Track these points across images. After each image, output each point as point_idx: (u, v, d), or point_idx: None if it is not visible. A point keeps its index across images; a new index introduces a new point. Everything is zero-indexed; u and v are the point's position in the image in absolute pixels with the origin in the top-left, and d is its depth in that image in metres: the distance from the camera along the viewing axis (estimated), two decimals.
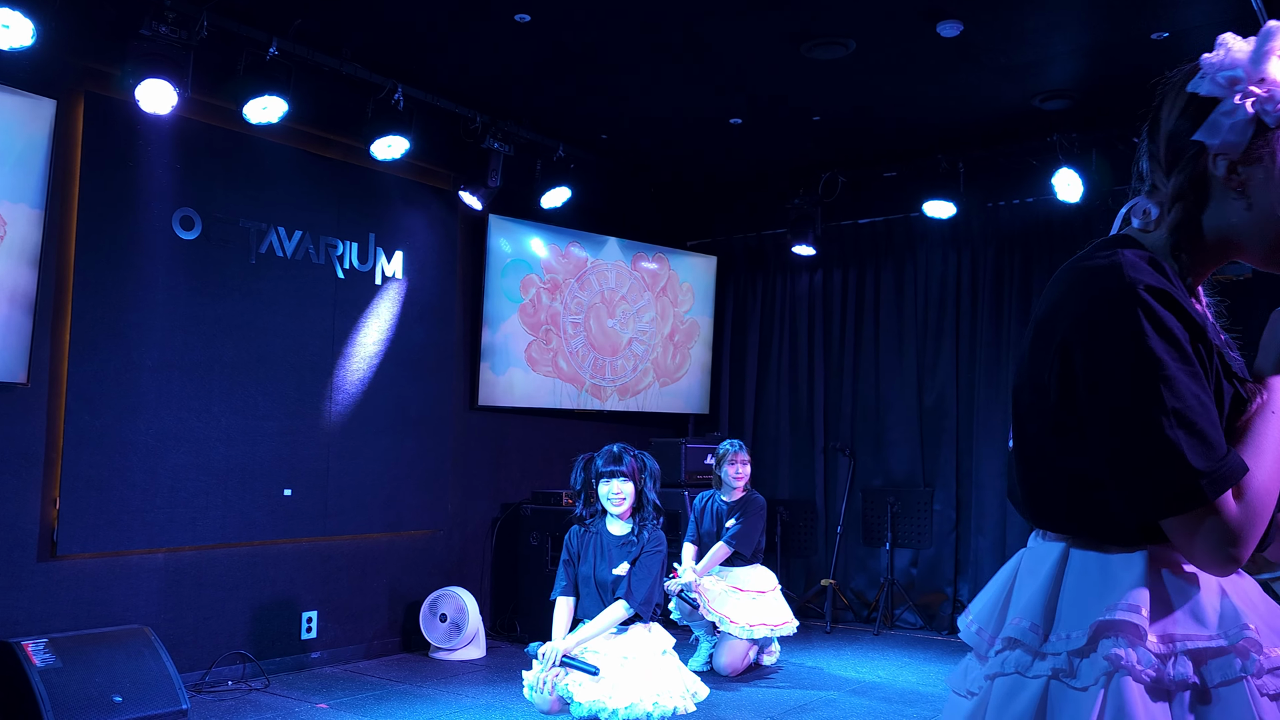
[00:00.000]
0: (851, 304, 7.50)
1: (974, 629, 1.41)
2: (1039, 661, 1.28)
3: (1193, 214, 1.31)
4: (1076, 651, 1.25)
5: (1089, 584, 1.28)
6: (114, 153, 4.79)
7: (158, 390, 4.92)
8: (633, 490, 4.10)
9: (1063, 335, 1.26)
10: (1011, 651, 1.31)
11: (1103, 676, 1.22)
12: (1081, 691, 1.23)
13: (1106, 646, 1.23)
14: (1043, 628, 1.29)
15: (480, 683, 5.30)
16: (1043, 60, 5.32)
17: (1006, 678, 1.31)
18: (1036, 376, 1.31)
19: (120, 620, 4.72)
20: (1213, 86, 1.30)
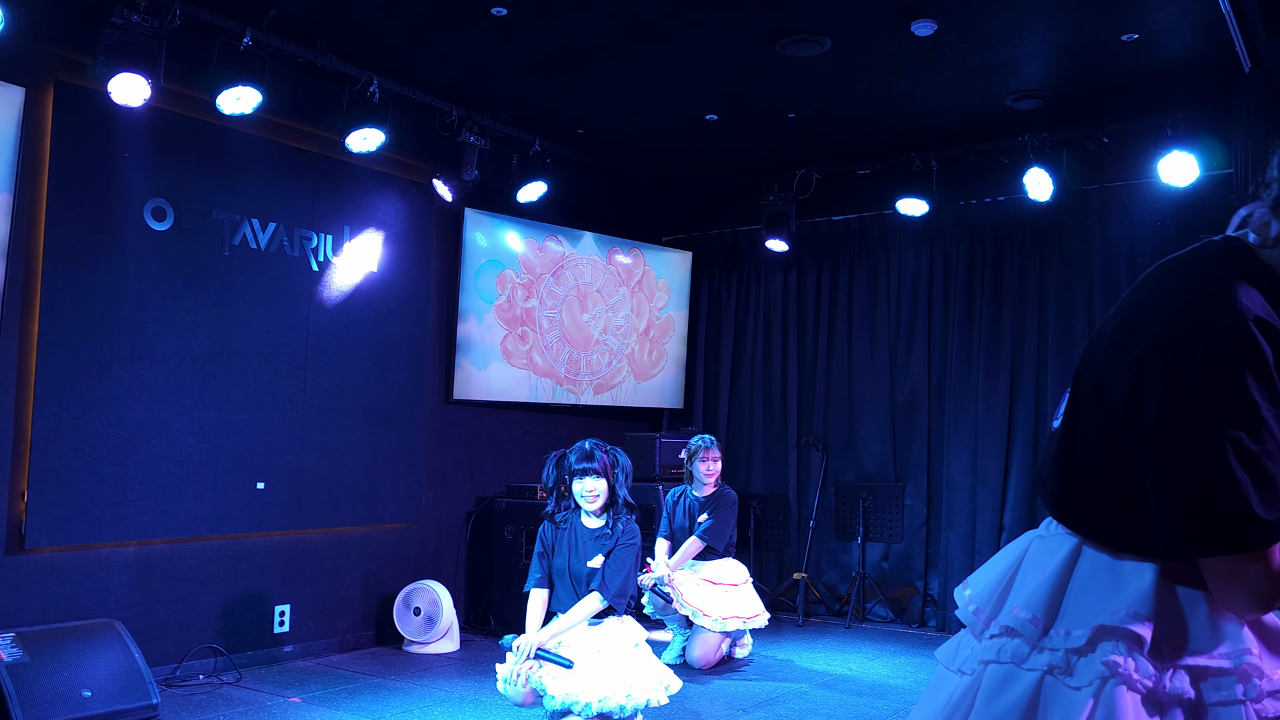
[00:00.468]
0: (825, 300, 7.55)
1: (971, 608, 1.40)
2: (1036, 655, 1.28)
3: None
4: (1075, 650, 1.25)
5: (1097, 585, 1.27)
6: (84, 142, 4.74)
7: (129, 382, 4.88)
8: (606, 487, 4.12)
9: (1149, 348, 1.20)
10: (1009, 640, 1.30)
11: (1097, 680, 1.22)
12: (1075, 691, 1.23)
13: (1106, 650, 1.22)
14: (1044, 621, 1.28)
15: (454, 676, 5.31)
16: (1015, 60, 5.38)
17: (1001, 666, 1.31)
18: (1106, 375, 1.27)
19: (89, 614, 4.68)
20: None
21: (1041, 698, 1.25)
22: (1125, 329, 1.26)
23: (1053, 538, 1.37)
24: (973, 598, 1.41)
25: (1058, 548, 1.34)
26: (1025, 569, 1.37)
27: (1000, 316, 6.80)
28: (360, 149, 5.51)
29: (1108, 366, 1.27)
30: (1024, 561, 1.38)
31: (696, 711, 4.66)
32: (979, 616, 1.39)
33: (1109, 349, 1.28)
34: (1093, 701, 1.21)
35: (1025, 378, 6.66)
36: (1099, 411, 1.28)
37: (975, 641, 1.40)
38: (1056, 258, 6.62)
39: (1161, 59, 5.28)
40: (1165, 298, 1.23)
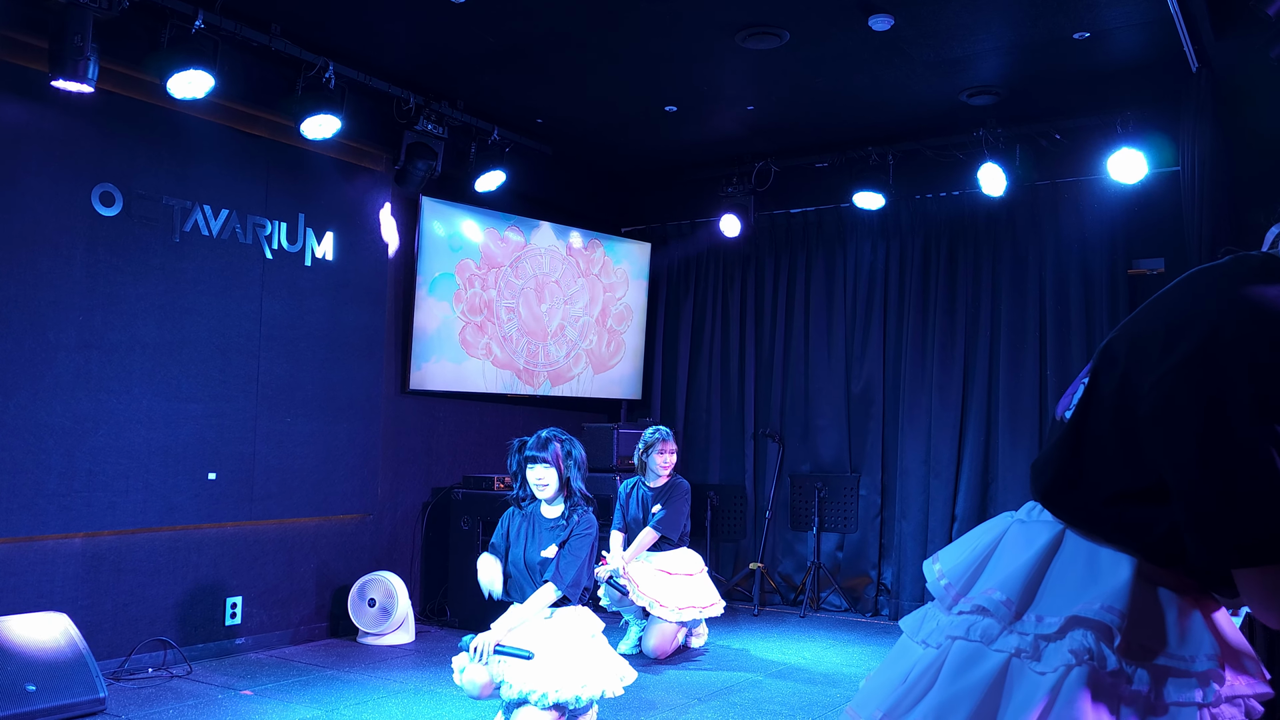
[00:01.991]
0: (782, 292, 7.60)
1: (942, 582, 1.42)
2: (1006, 636, 1.29)
3: None
4: (1045, 636, 1.27)
5: (1074, 575, 1.29)
6: (29, 124, 4.63)
7: (75, 371, 4.78)
8: (555, 476, 4.12)
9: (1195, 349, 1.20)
10: (980, 619, 1.32)
11: (1062, 666, 1.24)
12: (1039, 675, 1.25)
13: (1075, 639, 1.24)
14: (1017, 605, 1.30)
15: (409, 667, 5.28)
16: (970, 56, 5.44)
17: (970, 644, 1.32)
18: (1134, 379, 1.26)
19: (34, 606, 4.59)
20: None
21: (1007, 679, 1.27)
22: (1159, 336, 1.25)
23: (1034, 524, 1.38)
24: (944, 572, 1.43)
25: (1038, 534, 1.36)
26: (1002, 551, 1.39)
27: (954, 309, 6.89)
28: (316, 135, 5.44)
29: (1136, 371, 1.26)
30: (1001, 543, 1.40)
31: (652, 701, 4.69)
32: (949, 591, 1.40)
33: (1138, 353, 1.27)
34: (1053, 686, 1.23)
35: (978, 370, 6.76)
36: (1120, 413, 1.28)
37: (943, 615, 1.42)
38: (1009, 251, 6.72)
39: (1112, 58, 5.38)
40: (1205, 309, 1.22)
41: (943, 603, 1.42)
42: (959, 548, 1.47)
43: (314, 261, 5.86)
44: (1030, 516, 1.41)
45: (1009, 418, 6.57)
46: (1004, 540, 1.40)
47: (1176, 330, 1.23)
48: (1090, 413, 1.32)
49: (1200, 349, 1.19)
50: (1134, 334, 1.31)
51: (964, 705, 1.28)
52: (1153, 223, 6.21)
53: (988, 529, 1.46)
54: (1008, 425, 6.57)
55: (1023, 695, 1.25)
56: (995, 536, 1.42)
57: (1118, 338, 1.35)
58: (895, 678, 1.42)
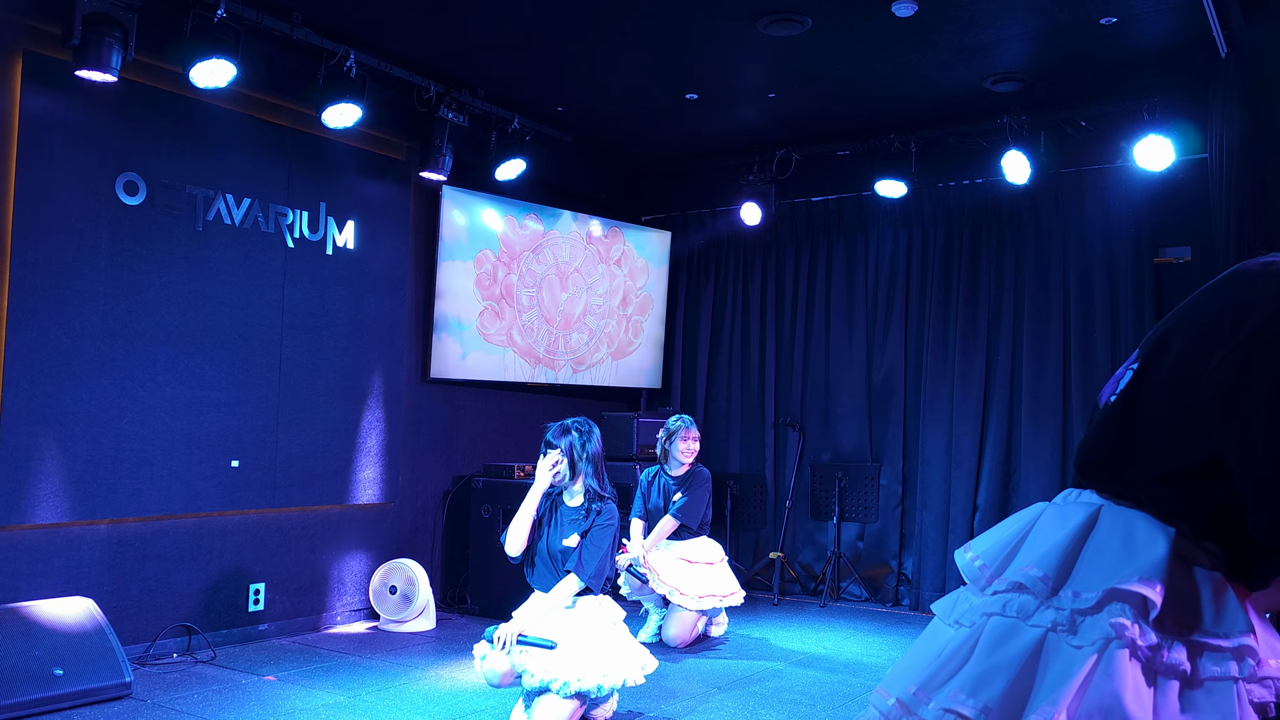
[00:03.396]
0: (803, 281, 7.56)
1: (976, 563, 1.42)
2: (1042, 611, 1.30)
3: None
4: (1082, 611, 1.28)
5: (1110, 551, 1.30)
6: (54, 114, 4.66)
7: (101, 359, 4.82)
8: (566, 465, 4.11)
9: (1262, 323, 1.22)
10: (1016, 595, 1.33)
11: (1101, 640, 1.25)
12: (1076, 649, 1.26)
13: (1114, 612, 1.25)
14: (1054, 581, 1.31)
15: (430, 654, 5.31)
16: (994, 42, 5.38)
17: (1005, 619, 1.33)
18: (1190, 357, 1.28)
19: (61, 592, 4.64)
20: None
21: (1043, 652, 1.28)
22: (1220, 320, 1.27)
23: (1069, 506, 1.40)
24: (978, 555, 1.43)
25: (1073, 515, 1.37)
26: (1038, 532, 1.40)
27: (976, 298, 6.84)
28: (337, 124, 5.45)
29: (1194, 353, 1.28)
30: (1036, 525, 1.41)
31: (672, 690, 4.69)
32: (984, 572, 1.41)
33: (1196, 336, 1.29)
34: (1095, 659, 1.24)
35: (1000, 359, 6.71)
36: (1176, 392, 1.29)
37: (976, 596, 1.42)
38: (1033, 240, 6.66)
39: (1139, 43, 5.31)
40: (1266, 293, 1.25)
41: (976, 584, 1.43)
42: (992, 534, 1.48)
43: (335, 250, 5.88)
44: (1066, 500, 1.42)
45: (1032, 408, 6.52)
46: (1039, 522, 1.41)
47: (1238, 313, 1.24)
48: (1142, 394, 1.33)
49: (1264, 329, 1.21)
50: (1190, 320, 1.33)
51: (1001, 677, 1.28)
52: (1179, 211, 6.14)
53: (1021, 516, 1.47)
54: (1030, 415, 6.52)
55: (1060, 667, 1.26)
56: (1029, 521, 1.43)
57: (1171, 326, 1.36)
58: (928, 656, 1.42)
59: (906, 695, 1.34)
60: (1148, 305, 6.15)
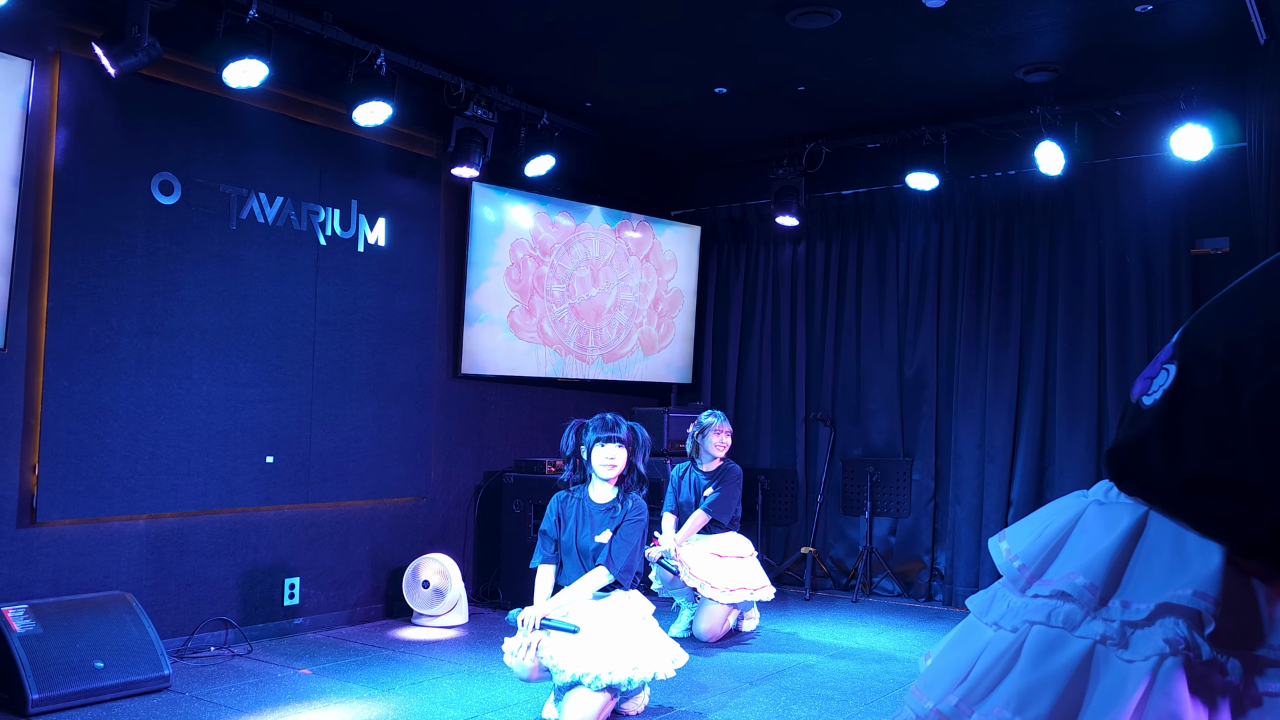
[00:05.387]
0: (833, 275, 7.52)
1: (1015, 563, 1.37)
2: (1090, 623, 1.25)
3: None
4: (1133, 623, 1.22)
5: (1161, 560, 1.24)
6: (91, 115, 4.73)
7: (138, 356, 4.89)
8: (625, 457, 4.13)
9: None
10: (1062, 604, 1.27)
11: (1155, 656, 1.19)
12: (1128, 664, 1.20)
13: (1167, 627, 1.20)
14: (1101, 590, 1.25)
15: (462, 649, 5.35)
16: (1027, 32, 5.32)
17: (1051, 630, 1.28)
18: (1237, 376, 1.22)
19: (101, 586, 4.72)
20: None
21: (1092, 666, 1.23)
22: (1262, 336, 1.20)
23: (1115, 505, 1.34)
24: (1017, 553, 1.38)
25: (1120, 517, 1.31)
26: (1080, 533, 1.34)
27: (1010, 291, 6.77)
28: (367, 122, 5.49)
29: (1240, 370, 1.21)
30: (1079, 525, 1.35)
31: (703, 684, 4.69)
32: (1024, 572, 1.36)
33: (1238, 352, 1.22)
34: (1149, 678, 1.19)
35: (1034, 353, 6.64)
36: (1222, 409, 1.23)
37: (1016, 596, 1.36)
38: (1067, 232, 6.58)
39: (1175, 30, 5.22)
40: None
41: (1015, 584, 1.37)
42: (1029, 527, 1.42)
43: (367, 247, 5.92)
44: (1109, 498, 1.36)
45: (1066, 403, 6.45)
46: (1081, 521, 1.35)
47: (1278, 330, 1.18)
48: (1186, 405, 1.27)
49: None
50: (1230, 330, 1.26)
51: (1048, 693, 1.23)
52: (1217, 201, 6.04)
53: (1060, 509, 1.41)
54: (1065, 410, 6.45)
55: (1111, 684, 1.21)
56: (1071, 517, 1.37)
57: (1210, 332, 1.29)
58: (965, 659, 1.36)
59: (948, 706, 1.29)
60: (1185, 298, 6.06)
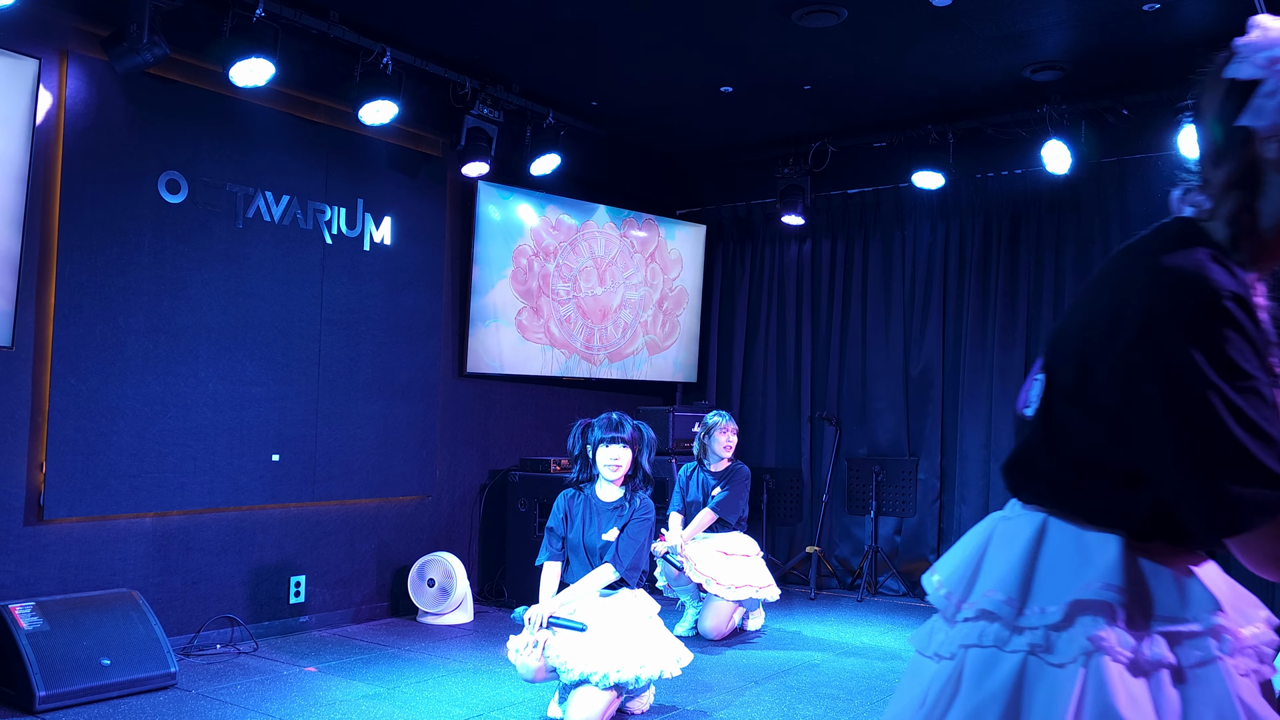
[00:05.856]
0: (839, 274, 7.52)
1: (942, 592, 1.41)
2: (1016, 636, 1.28)
3: (1248, 203, 1.25)
4: (1053, 626, 1.26)
5: (1065, 560, 1.29)
6: (98, 114, 4.74)
7: (144, 355, 4.90)
8: (630, 457, 4.13)
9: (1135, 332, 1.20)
10: (989, 625, 1.31)
11: (1081, 655, 1.23)
12: (1059, 668, 1.24)
13: (1085, 625, 1.24)
14: (1018, 601, 1.29)
15: (468, 647, 5.35)
16: (1034, 31, 5.31)
17: (983, 650, 1.31)
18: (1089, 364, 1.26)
19: (108, 584, 4.73)
20: (1253, 69, 1.24)
21: (1025, 678, 1.26)
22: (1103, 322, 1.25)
23: (1017, 518, 1.38)
24: (942, 582, 1.42)
25: (1023, 527, 1.35)
26: (992, 550, 1.38)
27: (1016, 291, 6.76)
28: (373, 121, 5.49)
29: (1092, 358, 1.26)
30: (990, 543, 1.39)
31: (708, 683, 4.69)
32: (950, 600, 1.40)
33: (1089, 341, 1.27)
34: (1082, 677, 1.22)
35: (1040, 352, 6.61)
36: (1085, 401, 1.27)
37: (948, 626, 1.40)
38: (1074, 231, 6.57)
39: (1183, 29, 5.20)
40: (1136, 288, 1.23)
41: (946, 613, 1.41)
42: (953, 554, 1.46)
43: (372, 246, 5.93)
44: (1012, 512, 1.40)
45: None
46: (992, 540, 1.39)
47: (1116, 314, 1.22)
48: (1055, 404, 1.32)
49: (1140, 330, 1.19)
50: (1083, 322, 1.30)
51: (991, 712, 1.26)
52: None
53: (976, 532, 1.45)
54: None
55: (1047, 690, 1.24)
56: (984, 538, 1.41)
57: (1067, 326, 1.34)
58: (916, 696, 1.40)
59: None
60: None
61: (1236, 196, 1.25)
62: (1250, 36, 1.25)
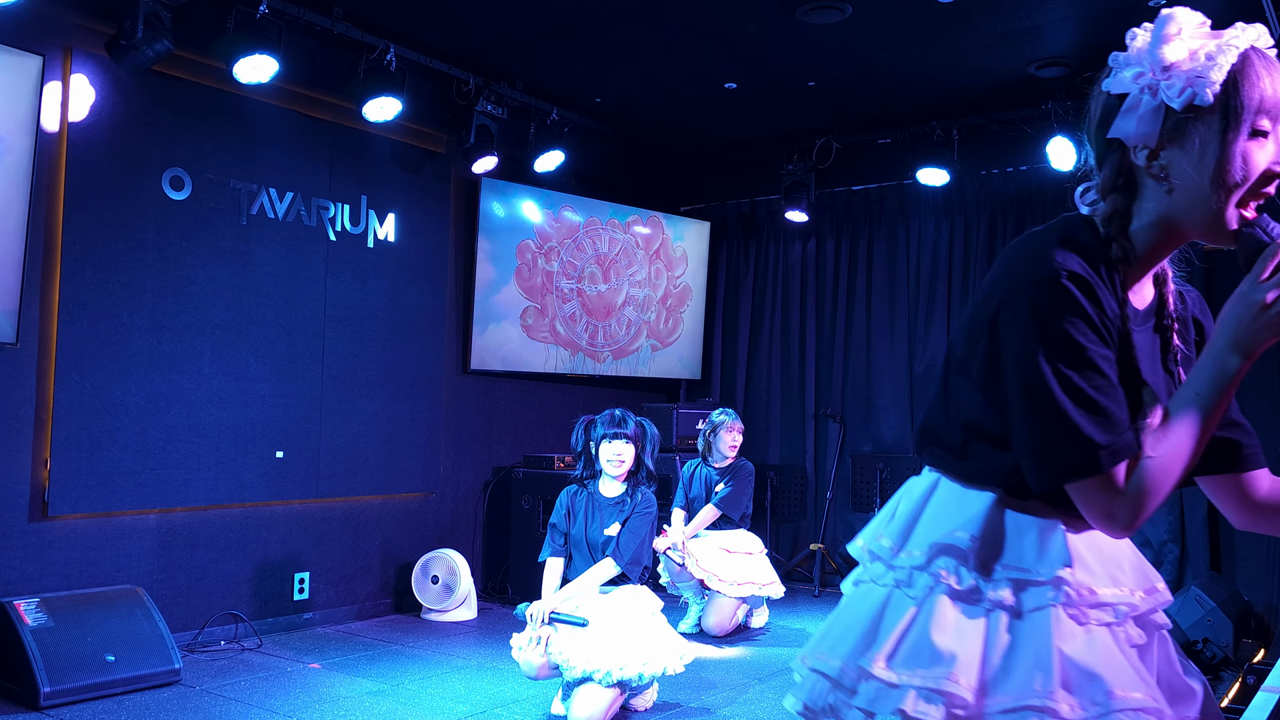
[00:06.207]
0: (844, 271, 7.50)
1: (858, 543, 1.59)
2: (889, 572, 1.48)
3: (1125, 204, 1.39)
4: (917, 566, 1.45)
5: (945, 513, 1.47)
6: (102, 111, 4.74)
7: (148, 352, 4.91)
8: (633, 453, 4.13)
9: (996, 307, 1.36)
10: (873, 563, 1.51)
11: (926, 589, 1.43)
12: (910, 599, 1.44)
13: (936, 564, 1.43)
14: (898, 546, 1.48)
15: (471, 644, 5.36)
16: (1039, 26, 5.29)
17: (864, 584, 1.53)
18: (972, 334, 1.42)
19: (112, 580, 4.74)
20: (1119, 83, 1.36)
21: (888, 606, 1.46)
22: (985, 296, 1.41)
23: (920, 479, 1.56)
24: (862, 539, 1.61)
25: (919, 486, 1.54)
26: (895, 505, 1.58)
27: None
28: (377, 118, 5.49)
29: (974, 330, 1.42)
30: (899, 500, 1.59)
31: (712, 680, 4.69)
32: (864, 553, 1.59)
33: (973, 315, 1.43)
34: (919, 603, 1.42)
35: None
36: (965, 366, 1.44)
37: None
38: None
39: None
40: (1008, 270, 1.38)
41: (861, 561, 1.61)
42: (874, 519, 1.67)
43: (376, 243, 5.93)
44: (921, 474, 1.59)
45: None
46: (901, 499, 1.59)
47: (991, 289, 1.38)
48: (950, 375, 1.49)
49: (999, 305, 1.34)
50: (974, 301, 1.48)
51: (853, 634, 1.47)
52: None
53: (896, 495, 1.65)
54: None
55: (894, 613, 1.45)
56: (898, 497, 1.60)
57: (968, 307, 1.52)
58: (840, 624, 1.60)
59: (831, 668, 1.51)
60: None
61: (1114, 199, 1.40)
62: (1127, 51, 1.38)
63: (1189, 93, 1.29)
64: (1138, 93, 1.33)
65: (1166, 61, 1.31)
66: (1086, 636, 1.37)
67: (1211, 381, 1.28)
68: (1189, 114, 1.29)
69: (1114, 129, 1.36)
